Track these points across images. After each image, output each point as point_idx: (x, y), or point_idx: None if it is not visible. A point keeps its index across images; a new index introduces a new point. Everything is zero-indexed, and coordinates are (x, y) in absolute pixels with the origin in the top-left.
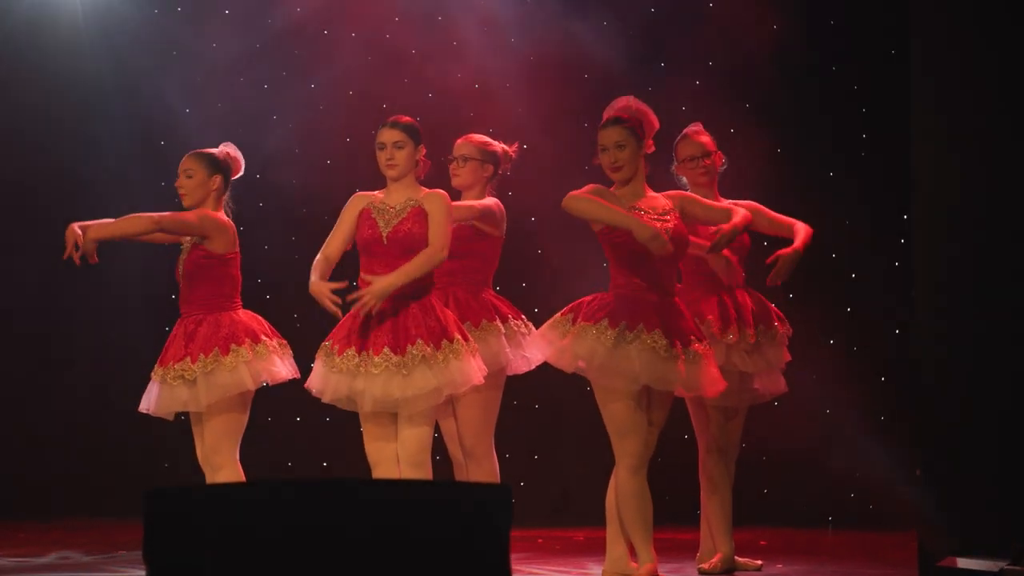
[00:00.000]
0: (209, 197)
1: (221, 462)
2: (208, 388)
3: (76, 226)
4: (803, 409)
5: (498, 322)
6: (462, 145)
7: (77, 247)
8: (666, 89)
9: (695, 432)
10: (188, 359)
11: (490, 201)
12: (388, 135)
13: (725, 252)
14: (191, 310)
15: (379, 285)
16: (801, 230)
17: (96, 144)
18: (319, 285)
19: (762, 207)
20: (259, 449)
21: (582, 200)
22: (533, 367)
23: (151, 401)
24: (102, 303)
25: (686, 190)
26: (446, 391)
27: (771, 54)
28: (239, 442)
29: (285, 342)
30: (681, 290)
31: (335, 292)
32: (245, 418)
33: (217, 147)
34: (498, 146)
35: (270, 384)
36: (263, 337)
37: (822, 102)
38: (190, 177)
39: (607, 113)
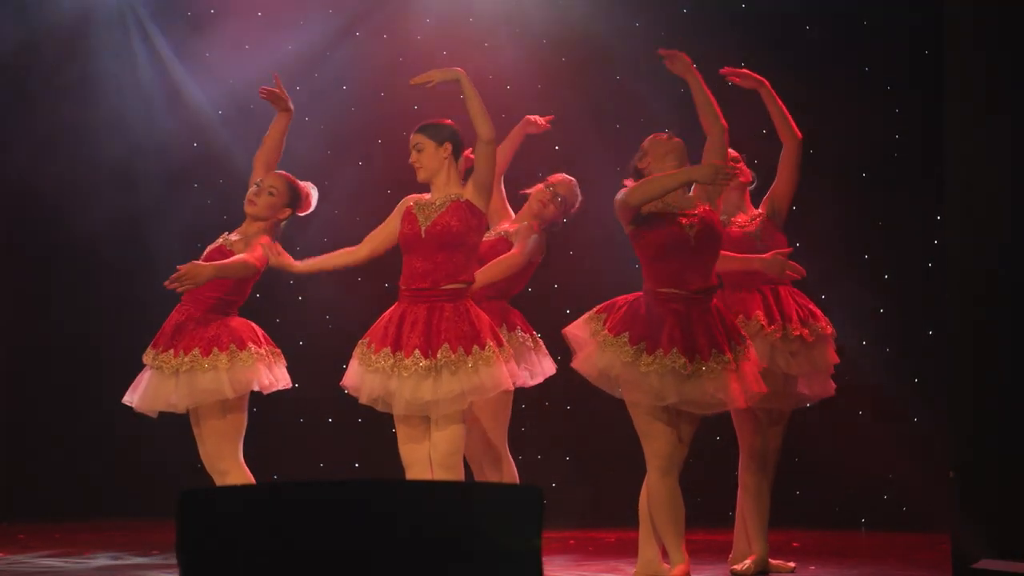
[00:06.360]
0: (271, 221)
1: (226, 467)
2: (189, 391)
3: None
4: (836, 410)
5: (504, 330)
6: (568, 188)
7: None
8: None
9: (737, 435)
10: (171, 351)
11: (531, 246)
12: (411, 140)
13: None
14: (190, 303)
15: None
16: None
17: (134, 148)
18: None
19: (772, 191)
20: (291, 450)
21: (636, 189)
22: (538, 382)
23: (136, 395)
24: (138, 306)
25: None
26: (471, 397)
27: (803, 54)
28: (240, 444)
29: (279, 351)
30: (724, 291)
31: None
32: (240, 420)
33: (303, 180)
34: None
35: (264, 392)
36: (250, 344)
37: (855, 102)
38: (272, 195)
39: None
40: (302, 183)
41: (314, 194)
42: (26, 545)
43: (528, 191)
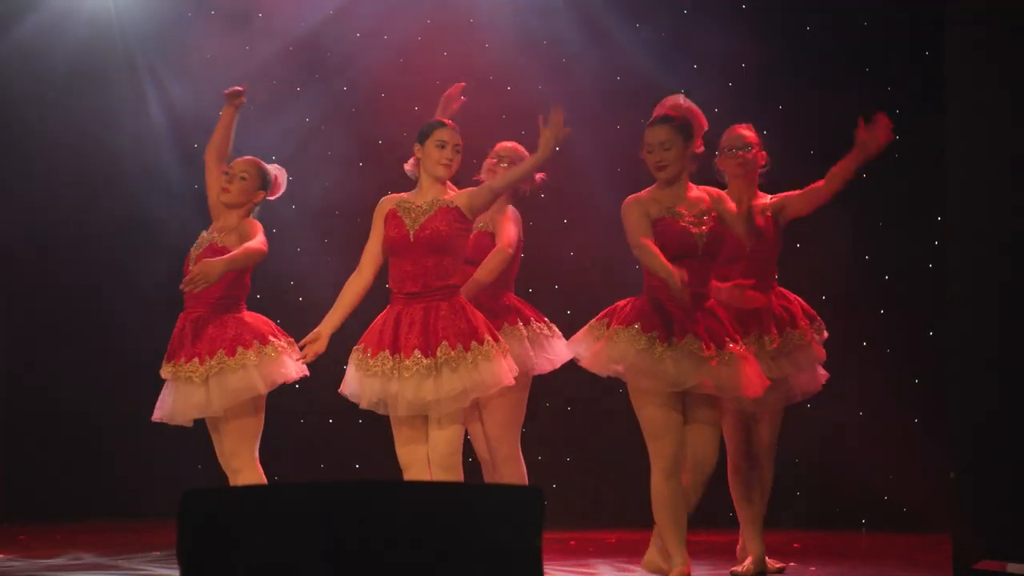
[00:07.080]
0: (247, 207)
1: (240, 465)
2: (222, 393)
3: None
4: (836, 411)
5: (520, 325)
6: (512, 152)
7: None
8: (698, 91)
9: (724, 435)
10: (196, 360)
11: (512, 232)
12: (453, 137)
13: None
14: (196, 306)
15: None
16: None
17: (132, 144)
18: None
19: (789, 194)
20: (291, 451)
21: (631, 245)
22: (557, 367)
23: (166, 409)
24: (135, 305)
25: (724, 186)
26: (473, 394)
27: (804, 56)
28: (257, 444)
29: (292, 340)
30: None
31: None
32: (260, 419)
33: (270, 163)
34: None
35: (288, 381)
36: (271, 338)
37: (855, 104)
38: (244, 179)
39: (657, 111)
40: (269, 165)
41: (282, 176)
42: (26, 546)
43: (480, 175)
